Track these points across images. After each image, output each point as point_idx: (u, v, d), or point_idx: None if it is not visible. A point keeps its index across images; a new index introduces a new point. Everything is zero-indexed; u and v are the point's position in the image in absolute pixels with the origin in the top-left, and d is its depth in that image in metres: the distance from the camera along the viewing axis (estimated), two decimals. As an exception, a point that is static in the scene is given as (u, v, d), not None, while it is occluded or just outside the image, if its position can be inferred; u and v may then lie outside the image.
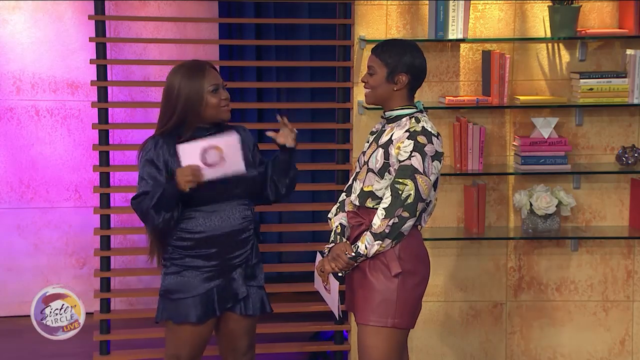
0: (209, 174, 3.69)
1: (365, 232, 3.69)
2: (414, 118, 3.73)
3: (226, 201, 3.80)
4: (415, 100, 3.81)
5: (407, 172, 3.63)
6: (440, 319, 5.12)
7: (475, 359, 5.16)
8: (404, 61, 3.71)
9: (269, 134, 3.85)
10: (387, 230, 3.63)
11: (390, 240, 3.65)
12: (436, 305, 5.12)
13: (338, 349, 5.20)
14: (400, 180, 3.63)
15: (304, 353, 5.31)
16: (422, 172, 3.64)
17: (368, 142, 3.87)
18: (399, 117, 3.75)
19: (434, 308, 5.12)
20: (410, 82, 3.74)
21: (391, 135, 3.72)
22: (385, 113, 3.80)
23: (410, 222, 3.65)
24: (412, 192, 3.62)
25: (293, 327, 5.24)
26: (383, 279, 3.69)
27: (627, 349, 5.15)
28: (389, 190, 3.65)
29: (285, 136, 3.84)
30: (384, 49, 3.75)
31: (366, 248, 3.67)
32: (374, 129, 3.90)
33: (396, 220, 3.63)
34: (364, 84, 3.80)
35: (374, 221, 3.67)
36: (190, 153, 3.67)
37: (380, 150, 3.72)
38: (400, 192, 3.62)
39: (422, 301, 3.80)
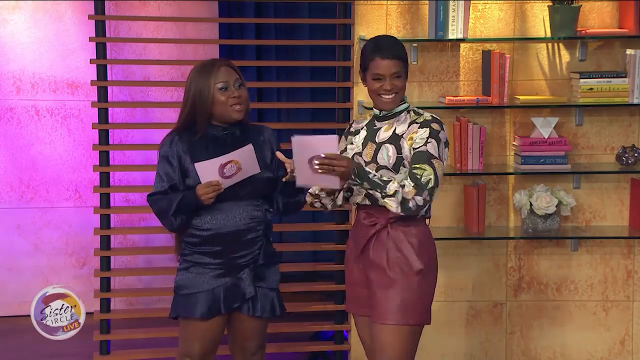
0: (228, 183, 3.73)
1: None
2: (412, 111, 3.73)
3: (234, 200, 3.80)
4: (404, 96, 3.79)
5: (424, 156, 3.58)
6: (440, 319, 5.12)
7: (475, 359, 5.16)
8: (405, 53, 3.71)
9: (278, 154, 3.77)
10: (416, 201, 3.54)
11: (413, 204, 3.53)
12: (436, 305, 5.09)
13: (338, 349, 5.20)
14: (418, 166, 3.57)
15: (304, 353, 5.30)
16: (437, 156, 3.60)
17: (352, 143, 3.78)
18: (397, 114, 3.73)
19: (434, 308, 5.06)
20: None
21: (394, 130, 3.69)
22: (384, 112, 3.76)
23: (425, 207, 3.60)
24: (432, 177, 3.56)
25: (293, 327, 5.24)
26: (403, 277, 3.67)
27: (627, 349, 5.15)
28: (409, 179, 3.57)
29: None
30: (399, 49, 3.68)
31: (393, 190, 3.52)
32: (352, 129, 3.83)
33: (421, 201, 3.55)
34: (390, 91, 3.65)
35: (405, 183, 3.54)
36: (208, 170, 3.70)
37: (390, 147, 3.66)
38: (419, 177, 3.55)
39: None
